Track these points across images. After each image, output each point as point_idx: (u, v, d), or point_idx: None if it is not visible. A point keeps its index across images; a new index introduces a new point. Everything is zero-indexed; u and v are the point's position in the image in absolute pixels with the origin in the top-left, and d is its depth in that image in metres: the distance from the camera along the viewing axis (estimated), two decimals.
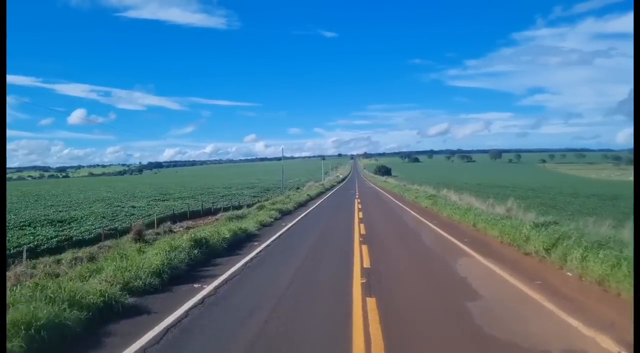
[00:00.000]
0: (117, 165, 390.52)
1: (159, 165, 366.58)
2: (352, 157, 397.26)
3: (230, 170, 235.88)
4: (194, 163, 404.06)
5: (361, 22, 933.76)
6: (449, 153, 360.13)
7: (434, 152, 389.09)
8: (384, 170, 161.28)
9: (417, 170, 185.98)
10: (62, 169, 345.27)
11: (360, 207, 24.61)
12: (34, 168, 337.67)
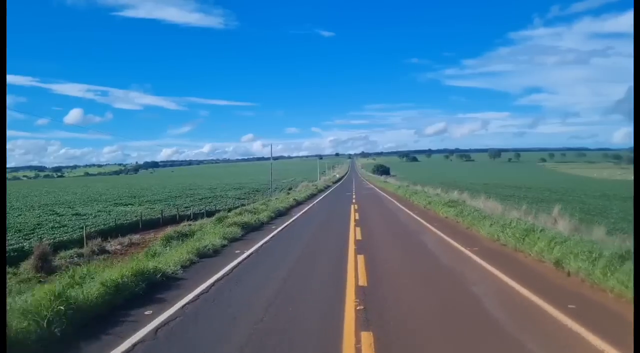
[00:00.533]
0: (114, 164, 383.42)
1: (155, 164, 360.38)
2: (350, 156, 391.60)
3: (225, 169, 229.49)
4: (190, 163, 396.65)
5: (359, 22, 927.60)
6: (447, 152, 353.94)
7: (432, 151, 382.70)
8: (382, 170, 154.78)
9: (416, 169, 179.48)
10: (58, 169, 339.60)
11: (357, 218, 17.90)
12: (29, 168, 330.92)
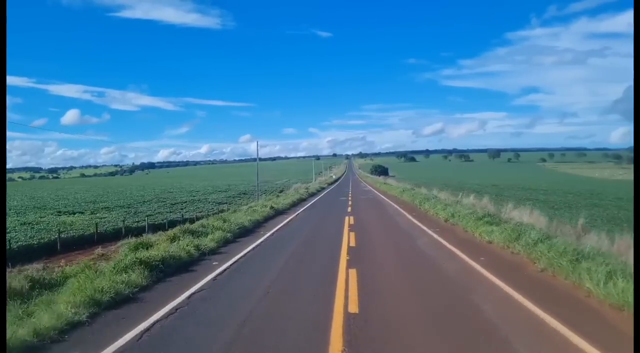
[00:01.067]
0: (110, 165, 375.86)
1: (152, 165, 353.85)
2: (347, 156, 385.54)
3: (221, 170, 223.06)
4: (187, 163, 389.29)
5: (356, 22, 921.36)
6: (445, 152, 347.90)
7: (430, 151, 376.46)
8: (381, 170, 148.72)
9: (415, 170, 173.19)
10: (54, 170, 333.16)
11: (353, 245, 11.31)
12: (26, 169, 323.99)
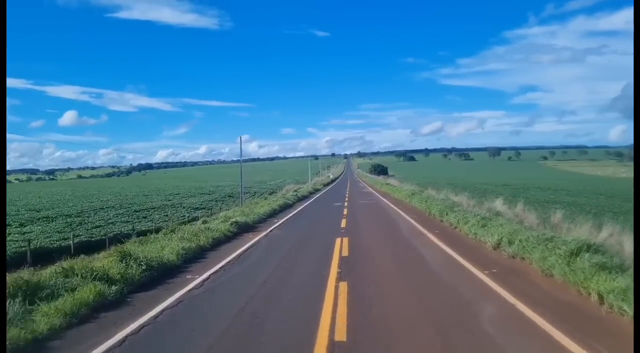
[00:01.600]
0: (107, 167, 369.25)
1: (150, 166, 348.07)
2: (346, 156, 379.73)
3: (218, 171, 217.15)
4: (185, 164, 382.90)
5: (354, 22, 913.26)
6: (444, 151, 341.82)
7: (429, 150, 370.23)
8: (380, 169, 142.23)
9: (416, 169, 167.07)
10: (51, 172, 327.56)
11: (344, 327, 5.38)
12: (23, 171, 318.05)
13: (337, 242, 11.46)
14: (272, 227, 15.64)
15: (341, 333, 4.87)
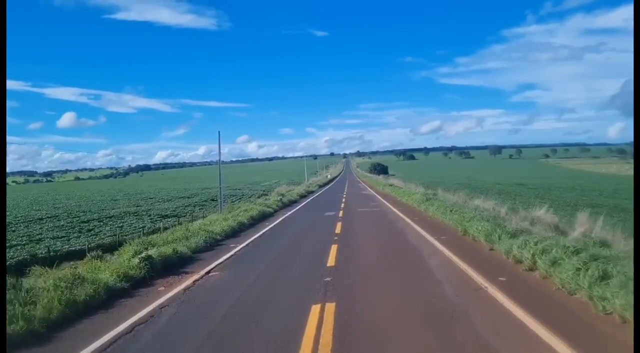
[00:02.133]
0: (106, 168, 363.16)
1: (148, 167, 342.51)
2: (345, 155, 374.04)
3: (214, 172, 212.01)
4: (183, 165, 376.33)
5: (352, 21, 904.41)
6: (443, 150, 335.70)
7: (428, 149, 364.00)
8: (380, 168, 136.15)
9: (417, 168, 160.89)
10: (49, 174, 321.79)
11: None
12: (21, 173, 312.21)
13: (310, 320, 5.33)
14: (215, 264, 9.34)
15: None
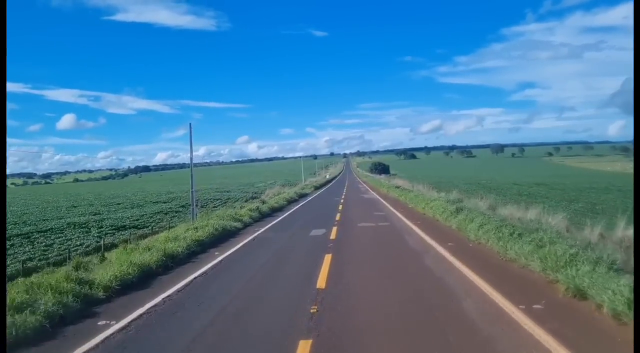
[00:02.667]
0: (105, 170, 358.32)
1: (147, 169, 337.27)
2: (345, 155, 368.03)
3: (213, 172, 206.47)
4: (183, 166, 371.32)
5: (351, 21, 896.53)
6: (443, 149, 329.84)
7: (428, 148, 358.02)
8: (381, 168, 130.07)
9: (419, 167, 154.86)
10: (48, 176, 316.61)
11: None
12: (20, 175, 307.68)
13: None
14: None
15: None
